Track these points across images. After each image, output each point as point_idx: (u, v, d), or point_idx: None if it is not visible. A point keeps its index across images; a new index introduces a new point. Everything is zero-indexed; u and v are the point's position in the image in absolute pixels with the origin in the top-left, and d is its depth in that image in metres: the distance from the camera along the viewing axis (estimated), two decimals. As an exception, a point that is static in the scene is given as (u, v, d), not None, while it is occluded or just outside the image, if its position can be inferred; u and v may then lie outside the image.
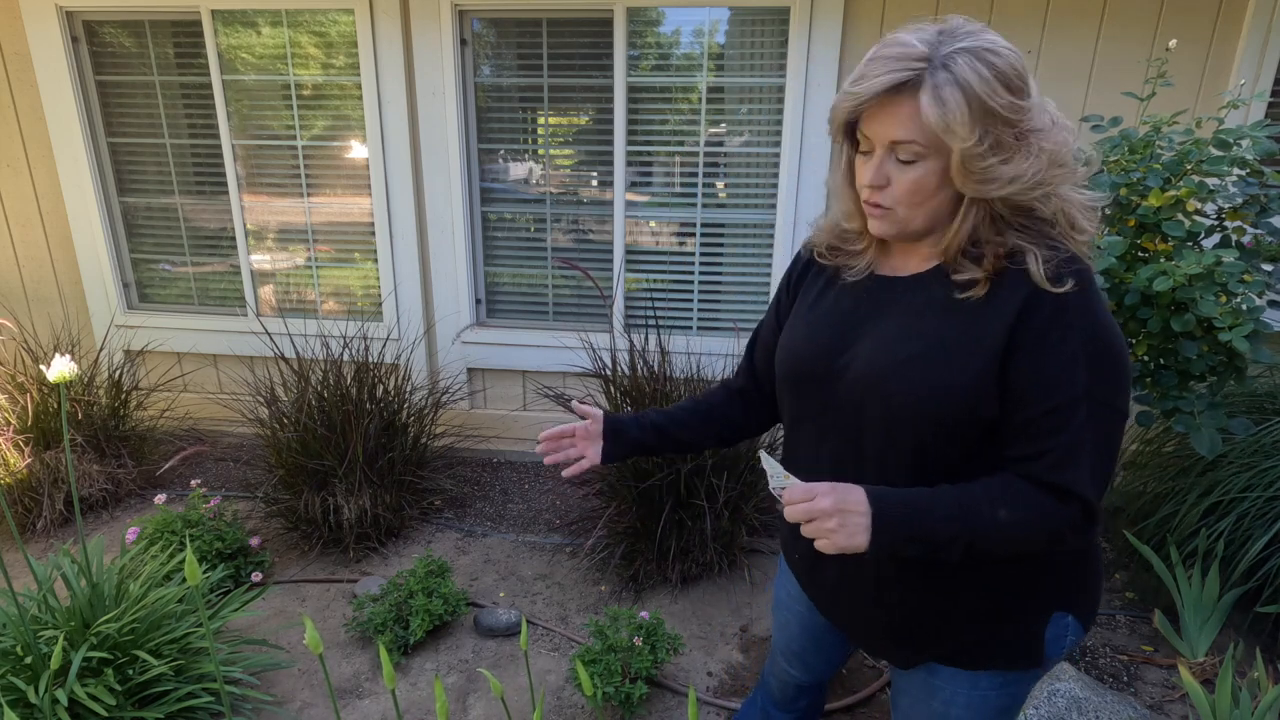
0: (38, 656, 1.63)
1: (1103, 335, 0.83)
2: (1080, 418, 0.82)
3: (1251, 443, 2.17)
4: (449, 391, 3.11)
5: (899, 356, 0.91)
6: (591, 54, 2.97)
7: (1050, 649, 0.98)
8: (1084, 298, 0.83)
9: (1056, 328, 0.82)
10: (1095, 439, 0.83)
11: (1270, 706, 1.62)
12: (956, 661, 1.00)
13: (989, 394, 0.86)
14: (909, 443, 0.90)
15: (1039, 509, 0.84)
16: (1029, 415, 0.84)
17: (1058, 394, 0.83)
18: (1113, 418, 0.85)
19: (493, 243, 3.29)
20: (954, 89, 0.79)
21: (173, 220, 3.38)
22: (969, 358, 0.86)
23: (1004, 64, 0.80)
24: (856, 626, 1.09)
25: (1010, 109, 0.80)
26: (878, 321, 0.96)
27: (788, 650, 1.32)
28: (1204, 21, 2.60)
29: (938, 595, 0.97)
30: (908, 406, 0.89)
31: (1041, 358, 0.83)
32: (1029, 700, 1.78)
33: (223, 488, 3.07)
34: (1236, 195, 1.83)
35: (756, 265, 3.16)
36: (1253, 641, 2.14)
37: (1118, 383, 0.85)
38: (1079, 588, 0.99)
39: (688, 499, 2.37)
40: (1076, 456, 0.83)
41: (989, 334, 0.85)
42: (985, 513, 0.85)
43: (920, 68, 0.80)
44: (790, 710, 1.44)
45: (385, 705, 1.95)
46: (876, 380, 0.92)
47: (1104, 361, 0.83)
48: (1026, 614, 0.97)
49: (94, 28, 3.13)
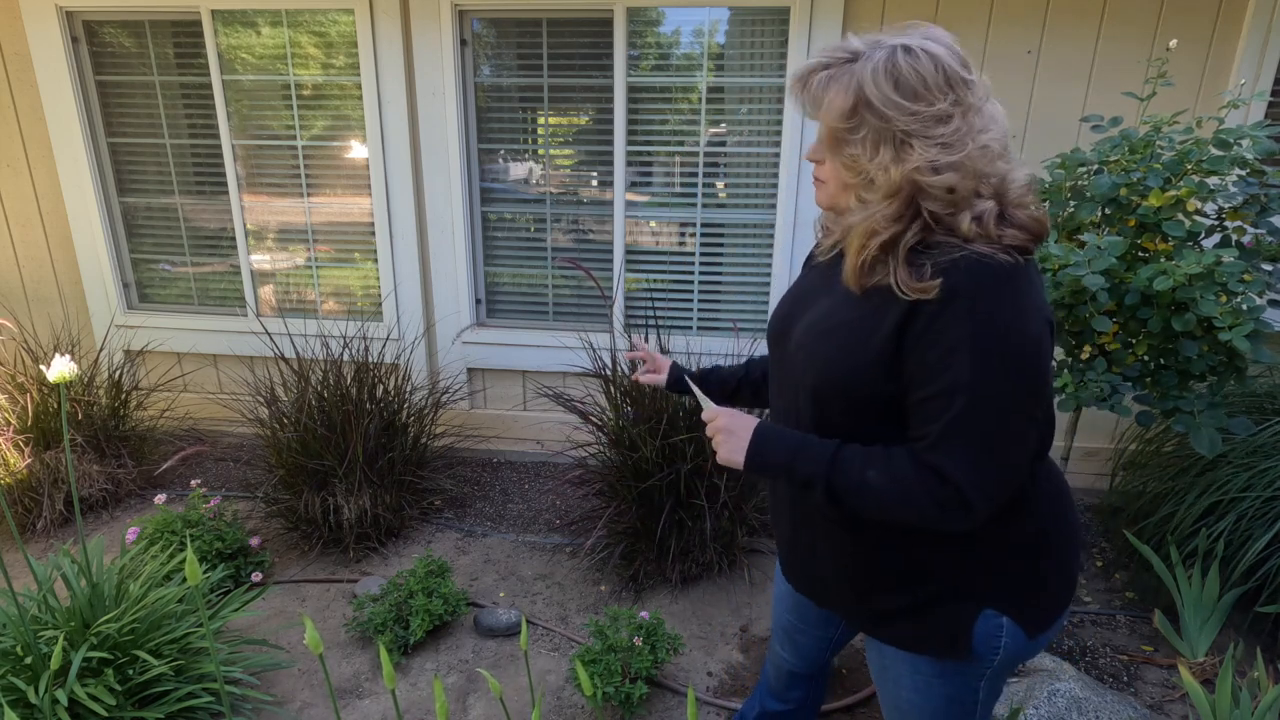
0: (38, 656, 1.63)
1: (995, 329, 0.84)
2: (958, 406, 0.85)
3: (1251, 442, 2.17)
4: (449, 391, 3.11)
5: (819, 329, 1.00)
6: (591, 54, 2.97)
7: (980, 646, 0.99)
8: (977, 290, 0.84)
9: (944, 317, 0.85)
10: (977, 429, 0.86)
11: (1270, 706, 1.62)
12: (894, 639, 1.06)
13: (883, 373, 0.91)
14: (814, 406, 1.00)
15: (910, 482, 0.89)
16: (916, 398, 0.90)
17: (936, 381, 0.86)
18: (1001, 411, 0.86)
19: (493, 243, 3.29)
20: (847, 80, 0.89)
21: (173, 220, 3.38)
22: (868, 337, 0.92)
23: (905, 63, 0.86)
24: (811, 579, 1.16)
25: (886, 103, 0.86)
26: (824, 295, 1.04)
27: (779, 625, 1.38)
28: (1204, 21, 2.60)
29: (863, 546, 1.03)
30: (814, 372, 0.99)
31: (928, 344, 0.87)
32: (1029, 700, 1.78)
33: (223, 488, 3.07)
34: (1236, 195, 1.83)
35: (756, 265, 3.16)
36: (1253, 641, 2.14)
37: (1009, 377, 0.85)
38: (1016, 592, 0.99)
39: (687, 499, 2.37)
40: (953, 441, 0.87)
41: (887, 317, 0.90)
42: (854, 468, 0.93)
43: (831, 62, 0.91)
44: (784, 700, 1.46)
45: (385, 705, 1.95)
46: (800, 348, 1.03)
47: (993, 355, 0.84)
48: (955, 599, 0.99)
49: (94, 28, 3.13)
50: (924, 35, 0.89)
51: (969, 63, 0.89)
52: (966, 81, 0.87)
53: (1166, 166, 1.85)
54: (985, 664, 1.01)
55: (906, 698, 1.09)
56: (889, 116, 0.86)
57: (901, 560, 1.00)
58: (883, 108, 0.86)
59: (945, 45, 0.88)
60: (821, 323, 1.00)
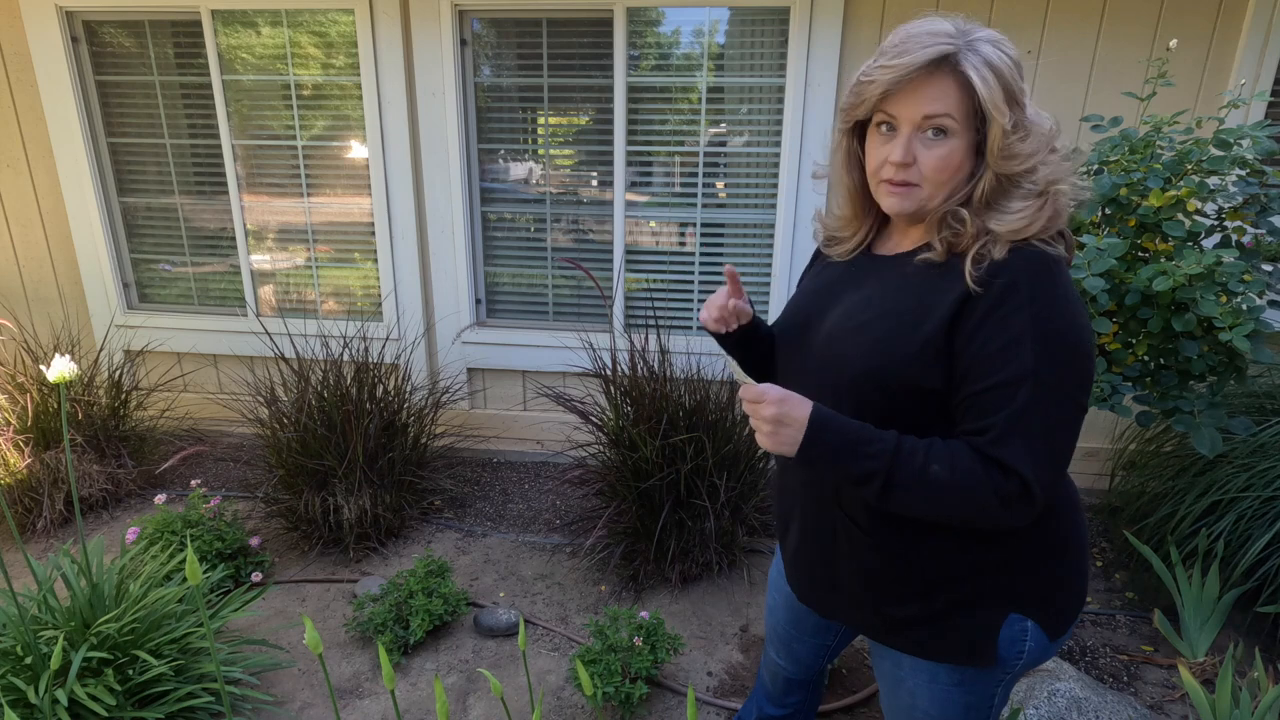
0: (38, 656, 1.63)
1: (1056, 320, 0.85)
2: (1023, 397, 0.84)
3: (1251, 442, 2.17)
4: (449, 391, 3.11)
5: (854, 323, 0.97)
6: (591, 54, 2.97)
7: (1005, 651, 0.97)
8: (1037, 280, 0.85)
9: (1005, 307, 0.85)
10: (1039, 419, 0.85)
11: (1270, 706, 1.62)
12: (912, 648, 1.02)
13: (932, 365, 0.89)
14: (853, 402, 0.94)
15: (974, 476, 0.86)
16: (974, 390, 0.87)
17: (1001, 372, 0.85)
18: (1060, 402, 0.86)
19: (493, 243, 3.29)
20: (988, 69, 0.85)
21: (173, 220, 3.38)
22: (916, 326, 0.90)
23: (1014, 54, 0.88)
24: (817, 585, 1.12)
25: (1021, 93, 0.87)
26: (853, 291, 1.02)
27: (774, 634, 1.36)
28: (1204, 21, 2.60)
29: (887, 554, 0.99)
30: (853, 366, 0.94)
31: (988, 335, 0.85)
32: (1029, 700, 1.78)
33: (223, 488, 3.07)
34: (1236, 195, 1.83)
35: (756, 265, 3.16)
36: (1253, 641, 2.14)
37: (1069, 369, 0.85)
38: (1042, 594, 0.98)
39: (687, 499, 2.37)
40: (1018, 433, 0.85)
41: (939, 305, 0.89)
42: (916, 462, 0.87)
43: (956, 43, 0.86)
44: (781, 706, 1.46)
45: (385, 705, 1.95)
46: (833, 342, 0.99)
47: (1054, 345, 0.84)
48: (980, 604, 0.97)
49: (94, 28, 3.13)
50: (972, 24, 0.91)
51: None
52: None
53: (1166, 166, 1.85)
54: (1007, 669, 0.99)
55: (923, 708, 1.05)
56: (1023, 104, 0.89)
57: (928, 567, 0.97)
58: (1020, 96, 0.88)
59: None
60: (859, 314, 0.97)
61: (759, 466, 2.54)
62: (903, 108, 0.89)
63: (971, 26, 0.88)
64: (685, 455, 2.34)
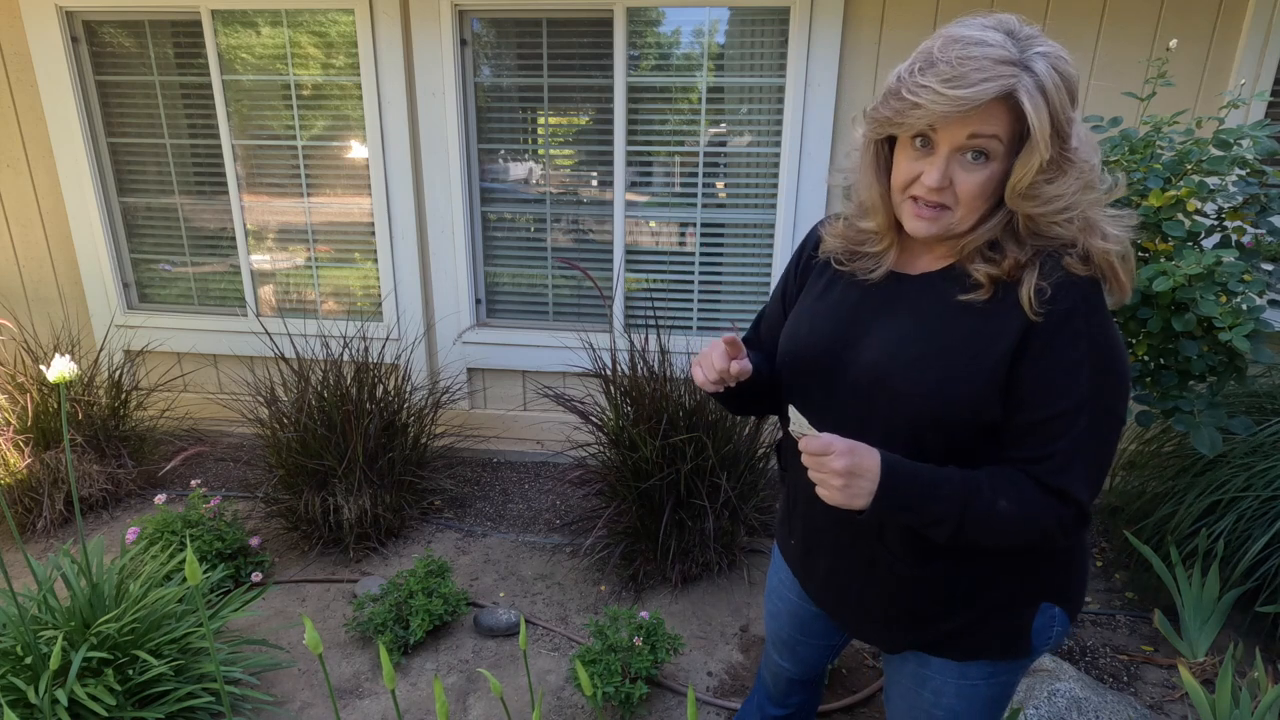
0: (38, 656, 1.63)
1: (1108, 344, 0.85)
2: (1082, 424, 0.84)
3: (1251, 442, 2.17)
4: (449, 391, 3.10)
5: (908, 355, 0.91)
6: (591, 54, 2.97)
7: (1037, 640, 1.00)
8: (1090, 306, 0.84)
9: (1063, 335, 0.84)
10: (1095, 445, 0.86)
11: (1270, 706, 1.62)
12: (945, 652, 1.02)
13: (993, 399, 0.86)
14: (907, 439, 0.90)
15: (1037, 506, 0.86)
16: (1033, 419, 0.86)
17: (1063, 400, 0.84)
18: (1113, 425, 0.87)
19: (493, 243, 3.29)
20: (1041, 96, 0.78)
21: (173, 220, 3.38)
22: (977, 362, 0.87)
23: (1071, 74, 0.80)
24: (847, 610, 1.10)
25: (1068, 123, 0.80)
26: (887, 318, 0.96)
27: (777, 639, 1.34)
28: (1204, 21, 2.60)
29: (931, 582, 0.98)
30: (912, 405, 0.90)
31: (1048, 364, 0.84)
32: (1029, 700, 1.78)
33: (223, 488, 3.07)
34: (1236, 195, 1.83)
35: (756, 265, 3.16)
36: (1253, 641, 2.14)
37: (1120, 391, 0.87)
38: (1066, 580, 1.01)
39: (687, 499, 2.37)
40: (1076, 462, 0.85)
41: (999, 339, 0.86)
42: (985, 499, 0.86)
43: (1017, 74, 0.78)
44: (783, 706, 1.45)
45: (385, 705, 1.95)
46: (883, 377, 0.92)
47: (1108, 370, 0.85)
48: (1015, 604, 0.98)
49: (94, 28, 3.13)
50: (1028, 31, 0.83)
51: None
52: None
53: (1166, 166, 1.85)
54: (1034, 656, 1.02)
55: (948, 704, 1.05)
56: (1066, 136, 0.82)
57: (971, 583, 0.97)
58: (1066, 127, 0.82)
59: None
60: (908, 347, 0.91)
61: (759, 467, 2.54)
62: (946, 131, 0.83)
63: (1027, 34, 0.81)
64: (685, 455, 2.34)
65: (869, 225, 0.98)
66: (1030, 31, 0.82)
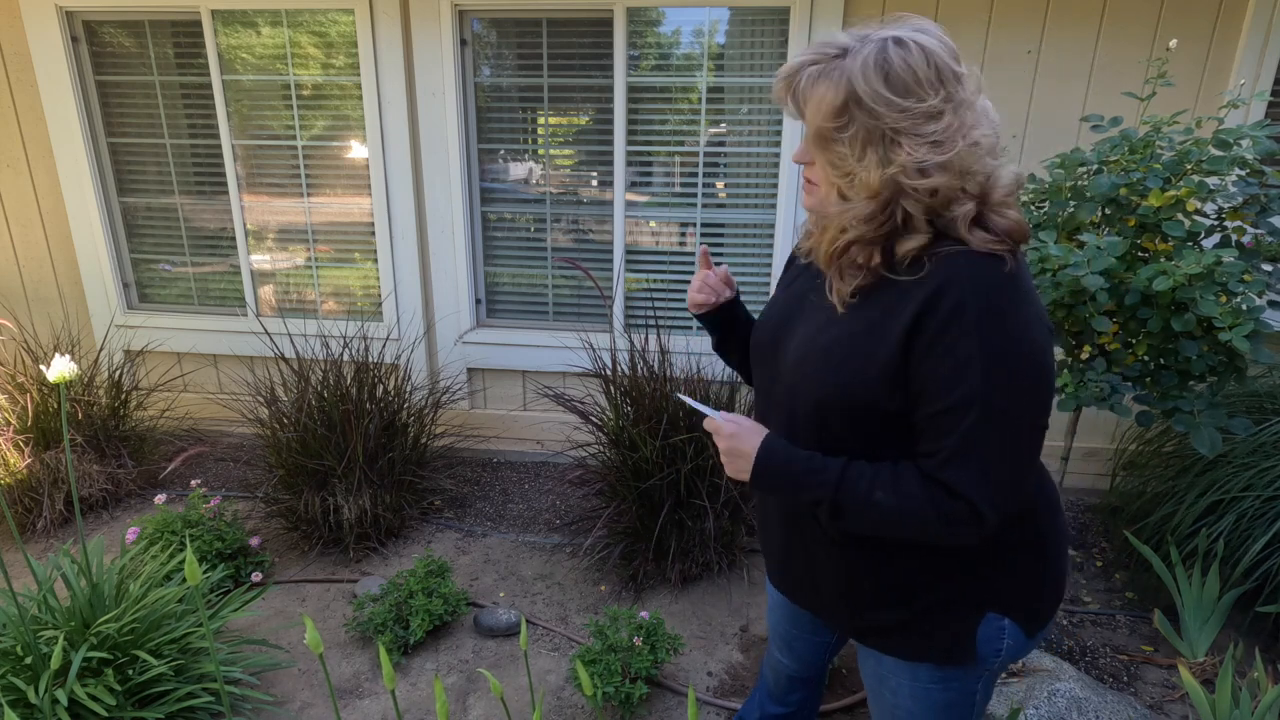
0: (38, 656, 1.63)
1: (1004, 341, 0.82)
2: (971, 421, 0.83)
3: (1251, 442, 2.17)
4: (449, 391, 3.11)
5: (818, 345, 0.96)
6: (591, 54, 2.97)
7: (983, 649, 0.99)
8: (985, 301, 0.82)
9: (952, 330, 0.83)
10: (989, 444, 0.84)
11: (1270, 706, 1.62)
12: (893, 650, 1.04)
13: (890, 389, 0.88)
14: (817, 424, 0.96)
15: (919, 500, 0.87)
16: (926, 413, 0.87)
17: (948, 396, 0.84)
18: (1012, 423, 0.85)
19: (493, 243, 3.29)
20: (839, 74, 0.84)
21: (173, 220, 3.38)
22: (872, 353, 0.89)
23: (900, 61, 0.82)
24: (802, 589, 1.14)
25: (877, 100, 0.82)
26: (813, 308, 1.01)
27: (775, 634, 1.37)
28: (1204, 21, 2.60)
29: (853, 566, 1.02)
30: (817, 390, 0.95)
31: (937, 359, 0.84)
32: (1029, 700, 1.78)
33: (223, 488, 3.07)
34: (1236, 195, 1.83)
35: (756, 265, 3.16)
36: (1253, 641, 2.14)
37: (1020, 391, 0.84)
38: (1019, 594, 0.99)
39: (687, 499, 2.37)
40: (966, 458, 0.85)
41: (892, 331, 0.87)
42: (860, 489, 0.90)
43: (829, 54, 0.86)
44: (783, 704, 1.46)
45: (385, 705, 1.95)
46: (799, 363, 0.99)
47: (1004, 366, 0.82)
48: (955, 609, 0.98)
49: (94, 28, 3.13)
50: (914, 27, 0.84)
51: (959, 55, 0.85)
52: (958, 75, 0.83)
53: (1166, 167, 1.85)
54: (985, 666, 1.01)
55: (905, 706, 1.07)
56: (879, 113, 0.82)
57: (899, 575, 0.99)
58: (873, 104, 0.82)
59: (936, 37, 0.84)
60: (819, 337, 0.96)
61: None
62: None
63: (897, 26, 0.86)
64: (685, 455, 2.34)
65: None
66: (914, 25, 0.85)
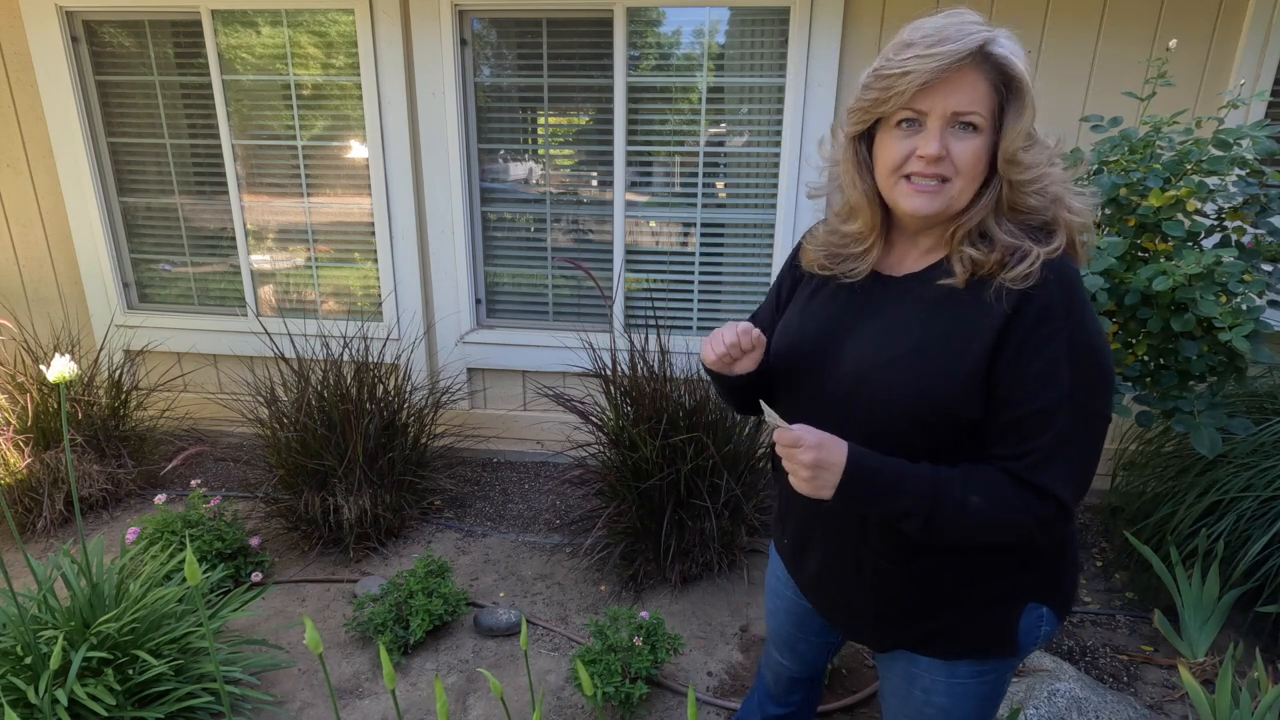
0: (38, 656, 1.63)
1: (1088, 339, 0.85)
2: (1062, 420, 0.84)
3: (1251, 442, 2.17)
4: (449, 391, 3.11)
5: (885, 356, 0.93)
6: (591, 54, 2.97)
7: (1024, 639, 1.00)
8: (1070, 301, 0.84)
9: (1042, 331, 0.84)
10: (1076, 442, 0.85)
11: (1270, 706, 1.62)
12: (933, 651, 1.03)
13: (972, 397, 0.87)
14: (889, 438, 0.92)
15: (1013, 503, 0.86)
16: (1013, 416, 0.86)
17: (1042, 397, 0.84)
18: (1095, 421, 0.87)
19: (493, 243, 3.29)
20: (1019, 62, 0.84)
21: (173, 220, 3.38)
22: (954, 360, 0.87)
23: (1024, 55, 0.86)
24: (838, 609, 1.12)
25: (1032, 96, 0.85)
26: (869, 319, 0.98)
27: (778, 637, 1.35)
28: (1204, 21, 2.60)
29: (916, 580, 0.99)
30: (891, 405, 0.91)
31: (1026, 361, 0.84)
32: (1029, 700, 1.78)
33: (223, 488, 3.07)
34: (1236, 195, 1.83)
35: (756, 265, 3.16)
36: (1253, 641, 2.14)
37: (1101, 386, 0.86)
38: (1055, 580, 1.01)
39: (687, 499, 2.37)
40: (1056, 458, 0.85)
41: (976, 337, 0.87)
42: (955, 495, 0.87)
43: (993, 34, 0.84)
44: (784, 704, 1.46)
45: (385, 705, 1.95)
46: (861, 379, 0.95)
47: (1088, 365, 0.84)
48: (1001, 603, 0.99)
49: (94, 28, 3.13)
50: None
51: None
52: None
53: (1166, 167, 1.85)
54: (1022, 654, 1.02)
55: (939, 703, 1.06)
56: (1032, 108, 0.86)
57: (956, 582, 0.98)
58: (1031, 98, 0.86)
59: None
60: (889, 347, 0.93)
61: (759, 467, 2.54)
62: (935, 101, 0.85)
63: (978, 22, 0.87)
64: (685, 455, 2.34)
65: (853, 227, 1.01)
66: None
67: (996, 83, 0.85)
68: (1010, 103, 0.86)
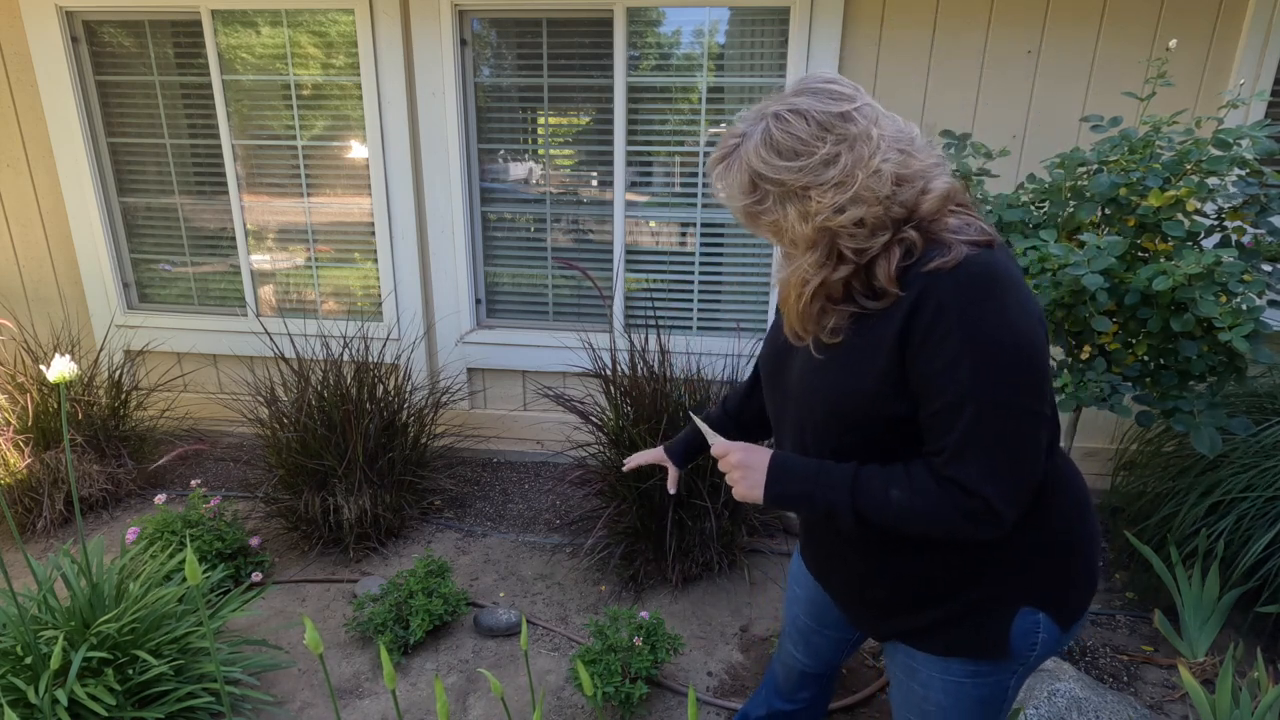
0: (38, 656, 1.63)
1: (991, 334, 0.85)
2: (967, 417, 0.86)
3: (1252, 442, 2.17)
4: (449, 391, 3.11)
5: (814, 363, 1.00)
6: (591, 54, 2.97)
7: (1018, 644, 1.00)
8: (967, 297, 0.85)
9: (937, 330, 0.86)
10: (988, 436, 0.87)
11: (1270, 706, 1.62)
12: (926, 645, 1.05)
13: (890, 395, 0.92)
14: (827, 438, 1.00)
15: (936, 496, 0.90)
16: (928, 412, 0.90)
17: (942, 394, 0.87)
18: (1008, 414, 0.87)
19: (493, 243, 3.29)
20: (740, 161, 0.93)
21: (173, 220, 3.38)
22: (868, 363, 0.93)
23: (781, 134, 0.89)
24: (841, 593, 1.17)
25: (776, 170, 0.90)
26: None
27: (794, 626, 1.37)
28: (1204, 21, 2.60)
29: (893, 578, 1.04)
30: (821, 409, 0.99)
31: (928, 358, 0.87)
32: (1029, 700, 1.78)
33: (223, 488, 3.07)
34: (1236, 195, 1.83)
35: (756, 265, 3.16)
36: (1253, 641, 2.14)
37: (1012, 380, 0.86)
38: (1051, 588, 1.00)
39: (688, 499, 2.37)
40: (968, 452, 0.87)
41: (883, 339, 0.91)
42: (875, 488, 0.93)
43: (731, 146, 0.95)
44: (791, 700, 1.46)
45: (385, 705, 1.95)
46: (800, 384, 1.03)
47: (991, 360, 0.85)
48: (990, 606, 1.00)
49: (94, 28, 3.13)
50: (793, 94, 0.92)
51: (845, 94, 0.90)
52: (844, 115, 0.88)
53: (1166, 166, 1.85)
54: (1020, 661, 1.02)
55: (936, 699, 1.07)
56: (782, 180, 0.90)
57: (931, 579, 1.01)
58: (774, 174, 0.90)
59: (811, 93, 0.90)
60: (819, 355, 1.00)
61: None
62: None
63: (777, 100, 0.92)
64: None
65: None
66: (792, 92, 0.92)
67: (746, 184, 0.94)
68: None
